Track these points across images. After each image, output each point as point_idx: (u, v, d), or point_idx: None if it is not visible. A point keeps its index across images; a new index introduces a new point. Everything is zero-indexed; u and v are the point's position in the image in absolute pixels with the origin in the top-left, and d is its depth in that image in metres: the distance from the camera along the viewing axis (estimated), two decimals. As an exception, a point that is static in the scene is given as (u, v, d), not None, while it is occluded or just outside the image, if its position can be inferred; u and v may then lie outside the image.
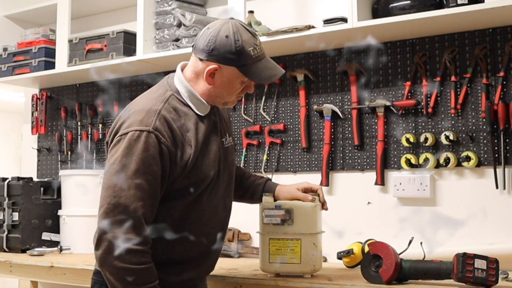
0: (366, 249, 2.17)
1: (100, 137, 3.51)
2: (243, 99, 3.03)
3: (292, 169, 2.90)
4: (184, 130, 1.84)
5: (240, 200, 2.29)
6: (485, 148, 2.45)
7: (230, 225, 2.97)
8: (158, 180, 1.76)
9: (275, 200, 2.20)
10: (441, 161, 2.51)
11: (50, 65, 3.41)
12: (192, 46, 1.92)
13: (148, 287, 1.73)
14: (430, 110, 2.56)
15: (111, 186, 1.73)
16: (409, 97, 2.62)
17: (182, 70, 1.94)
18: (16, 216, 3.15)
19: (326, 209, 2.22)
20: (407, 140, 2.58)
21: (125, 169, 1.73)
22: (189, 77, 1.91)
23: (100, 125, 3.51)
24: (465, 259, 1.89)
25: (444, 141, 2.50)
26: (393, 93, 2.67)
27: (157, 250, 1.79)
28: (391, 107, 2.64)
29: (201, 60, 1.87)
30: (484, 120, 2.44)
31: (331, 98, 2.81)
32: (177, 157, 1.80)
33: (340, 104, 2.79)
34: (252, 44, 1.86)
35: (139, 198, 1.72)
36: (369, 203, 2.70)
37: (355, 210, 2.73)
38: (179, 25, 3.03)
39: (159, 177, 1.77)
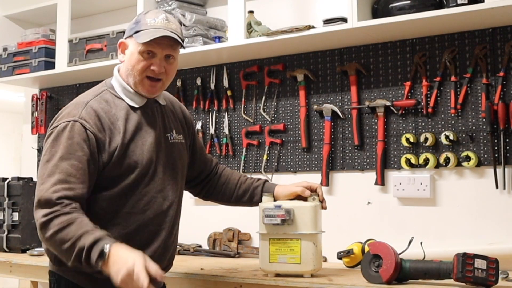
0: (366, 249, 2.17)
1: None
2: (243, 99, 3.03)
3: (292, 169, 2.90)
4: (114, 119, 1.92)
5: (238, 204, 2.31)
6: (485, 148, 2.45)
7: (230, 225, 3.00)
8: (85, 164, 1.83)
9: (274, 201, 2.20)
10: (441, 161, 2.51)
11: (50, 65, 3.41)
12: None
13: (82, 232, 1.72)
14: (430, 110, 2.56)
15: (40, 175, 1.85)
16: (409, 97, 2.62)
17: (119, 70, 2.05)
18: (16, 216, 3.15)
19: (325, 208, 2.22)
20: (407, 140, 2.58)
21: (52, 158, 1.83)
22: (120, 68, 2.02)
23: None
24: (465, 259, 1.89)
25: (444, 141, 2.50)
26: (393, 93, 2.67)
27: None
28: (391, 107, 2.64)
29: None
30: (484, 120, 2.44)
31: (331, 98, 2.81)
32: (105, 143, 1.88)
33: (340, 104, 2.79)
34: (154, 18, 1.94)
35: (61, 181, 1.79)
36: (369, 203, 2.70)
37: (355, 210, 2.73)
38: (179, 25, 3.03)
39: (86, 162, 1.83)
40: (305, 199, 2.21)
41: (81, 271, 1.85)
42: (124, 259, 1.66)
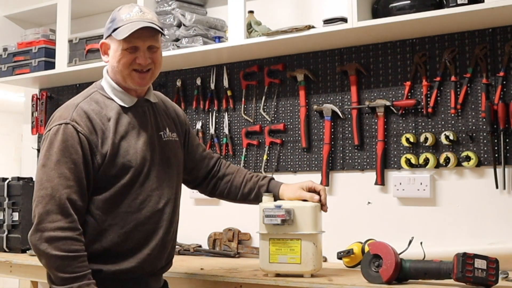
0: (366, 249, 2.17)
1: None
2: (243, 99, 3.03)
3: (292, 169, 2.90)
4: (105, 120, 1.93)
5: (245, 202, 2.30)
6: (485, 148, 2.45)
7: (230, 225, 3.00)
8: (81, 167, 1.86)
9: (278, 199, 2.20)
10: (441, 161, 2.51)
11: (50, 65, 3.41)
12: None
13: (80, 275, 1.78)
14: (430, 110, 2.56)
15: (39, 180, 1.86)
16: (409, 97, 2.62)
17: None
18: (16, 216, 3.16)
19: (326, 210, 2.22)
20: (407, 140, 2.58)
21: (48, 162, 1.85)
22: (108, 69, 2.04)
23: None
24: (465, 259, 1.89)
25: (444, 141, 2.50)
26: (393, 93, 2.67)
27: (92, 240, 1.88)
28: (391, 107, 2.64)
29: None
30: (484, 120, 2.44)
31: (331, 98, 2.81)
32: (97, 144, 1.90)
33: (340, 104, 2.79)
34: (128, 13, 1.96)
35: (63, 186, 1.82)
36: (369, 203, 2.70)
37: (355, 210, 2.73)
38: (179, 25, 3.03)
39: (81, 164, 1.86)
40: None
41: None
42: None
